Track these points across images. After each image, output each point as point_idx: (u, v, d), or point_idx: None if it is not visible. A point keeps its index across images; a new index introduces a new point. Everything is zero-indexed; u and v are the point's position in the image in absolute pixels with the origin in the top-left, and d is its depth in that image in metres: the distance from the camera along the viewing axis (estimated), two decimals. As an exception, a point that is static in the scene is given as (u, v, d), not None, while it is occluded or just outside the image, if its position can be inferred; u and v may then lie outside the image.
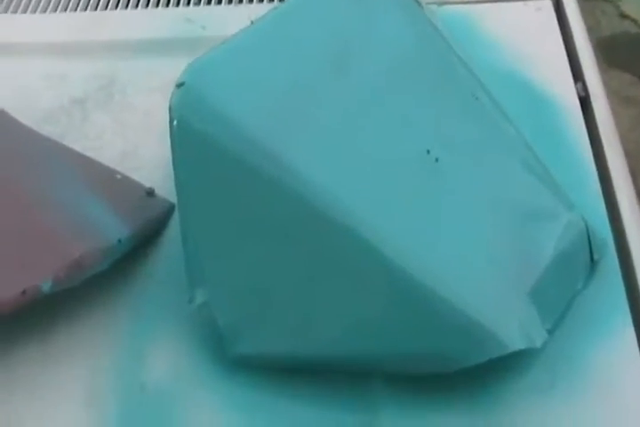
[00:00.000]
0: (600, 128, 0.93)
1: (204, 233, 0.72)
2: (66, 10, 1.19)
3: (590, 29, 1.09)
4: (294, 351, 0.72)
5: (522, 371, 0.72)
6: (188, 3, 1.18)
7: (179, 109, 0.68)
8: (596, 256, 0.77)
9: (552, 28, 1.07)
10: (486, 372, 0.68)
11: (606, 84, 1.01)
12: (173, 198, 0.83)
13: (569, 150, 0.91)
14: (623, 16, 2.71)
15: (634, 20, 2.69)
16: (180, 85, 0.68)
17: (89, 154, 0.91)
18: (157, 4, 1.18)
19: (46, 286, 0.70)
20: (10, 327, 0.77)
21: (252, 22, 0.75)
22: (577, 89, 0.99)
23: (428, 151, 0.72)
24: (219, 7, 1.16)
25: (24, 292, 0.70)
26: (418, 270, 0.66)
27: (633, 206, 0.86)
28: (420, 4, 0.86)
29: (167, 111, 0.69)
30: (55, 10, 1.19)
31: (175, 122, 0.68)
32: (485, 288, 0.68)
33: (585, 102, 0.97)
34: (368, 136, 0.71)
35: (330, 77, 0.73)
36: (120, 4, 1.19)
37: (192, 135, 0.69)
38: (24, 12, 1.19)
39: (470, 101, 0.79)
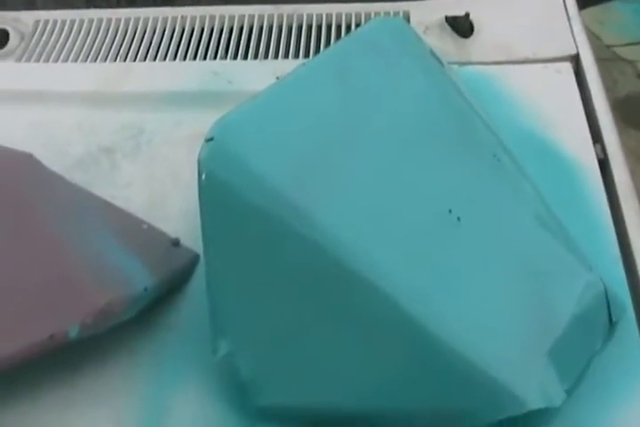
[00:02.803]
0: (619, 190, 0.94)
1: (229, 284, 0.73)
2: (96, 60, 1.22)
3: (607, 89, 1.10)
4: (316, 404, 0.72)
5: (539, 430, 0.72)
6: (215, 57, 1.21)
7: (207, 163, 0.70)
8: (614, 318, 0.78)
9: (571, 90, 1.09)
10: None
11: (623, 144, 1.02)
12: (198, 249, 0.84)
13: (587, 212, 0.92)
14: (641, 76, 2.74)
15: (652, 81, 2.72)
16: (209, 140, 0.69)
17: (116, 203, 0.93)
18: (185, 57, 1.21)
19: (73, 332, 0.71)
20: (36, 372, 0.78)
21: (277, 78, 0.77)
22: (596, 151, 1.00)
23: (450, 211, 0.73)
24: (245, 62, 1.19)
25: (51, 336, 0.71)
26: (439, 328, 0.66)
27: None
28: (442, 63, 0.87)
29: (192, 163, 0.70)
30: (86, 60, 1.22)
31: (204, 175, 0.70)
32: (505, 347, 0.68)
33: (603, 164, 0.99)
34: (392, 193, 0.73)
35: (355, 134, 0.74)
36: (148, 56, 1.22)
37: (220, 189, 0.70)
38: (55, 60, 1.22)
39: (491, 161, 0.81)
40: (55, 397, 0.79)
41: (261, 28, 1.25)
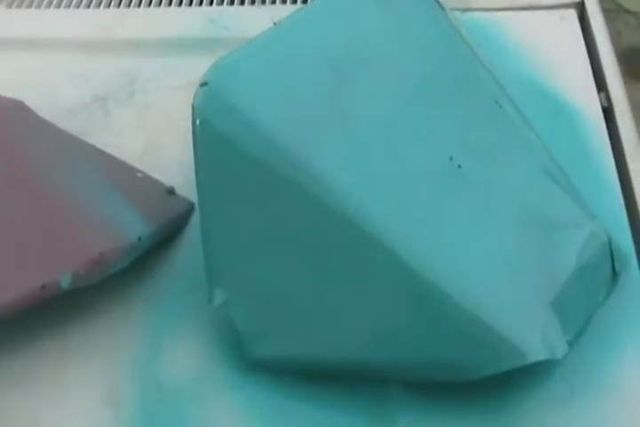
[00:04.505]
0: (623, 139, 0.93)
1: (224, 233, 0.72)
2: (89, 6, 1.19)
3: (611, 41, 1.08)
4: (311, 356, 0.72)
5: (540, 381, 0.72)
6: (211, 3, 1.18)
7: (201, 109, 0.68)
8: (617, 268, 0.76)
9: (576, 38, 1.07)
10: (505, 381, 0.68)
11: (627, 96, 1.00)
12: (193, 198, 0.83)
13: (591, 161, 0.90)
14: (645, 27, 2.69)
15: (656, 32, 2.67)
16: (203, 85, 0.68)
17: (109, 151, 0.91)
18: (180, 3, 1.18)
19: (65, 282, 0.70)
20: (29, 322, 0.77)
21: (274, 24, 0.75)
22: (600, 99, 0.98)
23: (451, 158, 0.72)
24: (242, 8, 1.16)
25: (43, 286, 0.70)
26: (439, 279, 0.65)
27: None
28: (443, 9, 0.85)
29: (188, 111, 0.69)
30: (79, 6, 1.19)
31: (198, 121, 0.68)
32: (507, 298, 0.67)
33: (608, 113, 0.97)
34: (391, 141, 0.71)
35: (354, 80, 0.72)
36: (143, 2, 1.19)
37: (214, 135, 0.68)
38: (48, 6, 1.19)
39: (493, 108, 0.79)
40: (48, 341, 0.79)
41: (258, -27, 1.22)
